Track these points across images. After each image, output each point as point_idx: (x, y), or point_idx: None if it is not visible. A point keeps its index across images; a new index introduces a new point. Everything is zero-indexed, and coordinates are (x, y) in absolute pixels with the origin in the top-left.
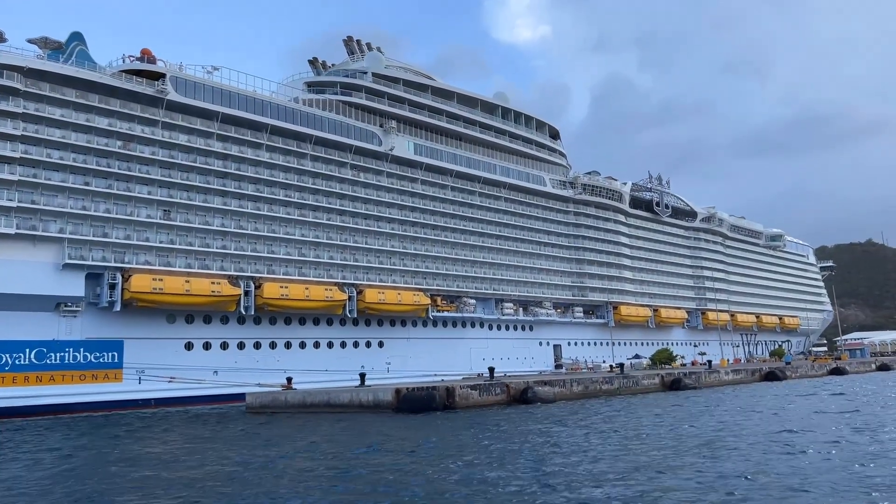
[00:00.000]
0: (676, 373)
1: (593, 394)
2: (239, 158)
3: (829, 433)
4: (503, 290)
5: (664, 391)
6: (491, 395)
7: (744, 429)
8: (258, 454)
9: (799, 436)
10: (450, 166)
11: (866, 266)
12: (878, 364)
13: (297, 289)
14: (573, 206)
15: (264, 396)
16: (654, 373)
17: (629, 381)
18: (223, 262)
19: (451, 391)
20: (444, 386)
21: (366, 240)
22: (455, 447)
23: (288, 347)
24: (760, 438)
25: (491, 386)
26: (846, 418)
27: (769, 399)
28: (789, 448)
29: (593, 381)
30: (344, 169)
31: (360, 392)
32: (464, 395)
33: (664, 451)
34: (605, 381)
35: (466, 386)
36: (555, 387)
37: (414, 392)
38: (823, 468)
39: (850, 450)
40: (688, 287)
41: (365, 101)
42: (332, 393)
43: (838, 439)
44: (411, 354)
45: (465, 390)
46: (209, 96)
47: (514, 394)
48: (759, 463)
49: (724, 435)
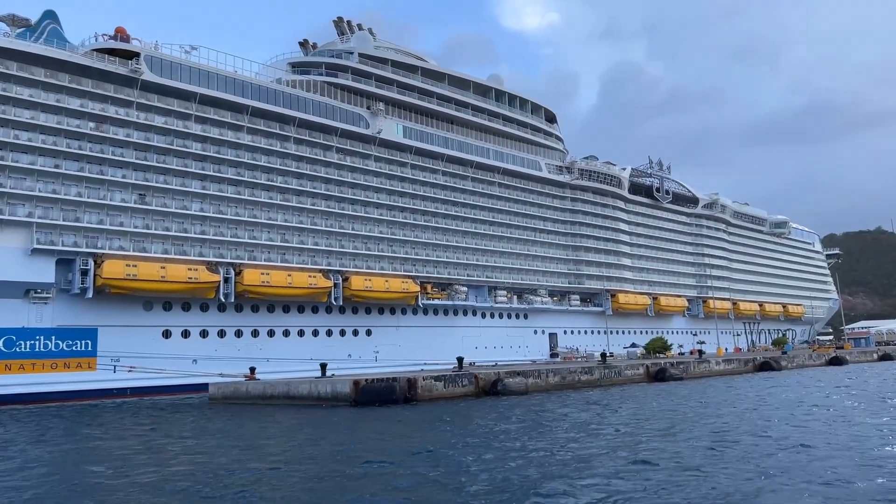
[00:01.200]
0: (662, 362)
1: (571, 385)
2: (218, 141)
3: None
4: (496, 277)
5: (648, 382)
6: (458, 386)
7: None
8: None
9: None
10: (441, 150)
11: (875, 254)
12: (881, 353)
13: (278, 275)
14: (570, 192)
15: (226, 387)
16: (637, 362)
17: (611, 371)
18: (202, 247)
19: (413, 383)
20: (406, 377)
21: (353, 225)
22: (372, 449)
23: (271, 336)
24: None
25: (458, 377)
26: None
27: (752, 391)
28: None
29: (571, 371)
30: (329, 152)
31: (318, 383)
32: (427, 387)
33: (577, 464)
34: (585, 372)
35: (430, 377)
36: (528, 377)
37: (373, 384)
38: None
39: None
40: (689, 275)
41: (351, 82)
42: (292, 384)
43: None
44: (400, 343)
45: (428, 382)
46: (186, 76)
47: (484, 385)
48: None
49: (647, 442)
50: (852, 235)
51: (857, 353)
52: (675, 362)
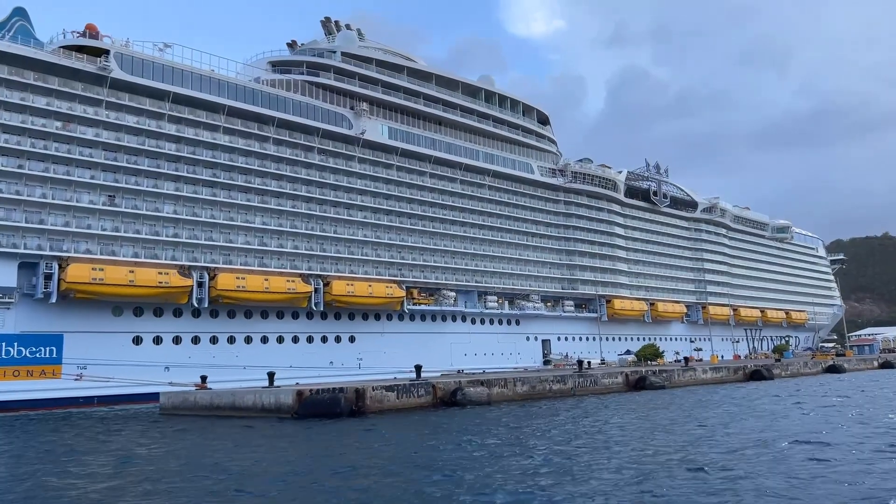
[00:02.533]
0: (643, 371)
1: (541, 395)
2: (193, 141)
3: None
4: (487, 282)
5: (627, 391)
6: (412, 397)
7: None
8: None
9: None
10: (428, 152)
11: (882, 260)
12: (882, 361)
13: (254, 280)
14: (563, 195)
15: (175, 397)
16: (616, 370)
17: (586, 380)
18: (175, 251)
19: (361, 393)
20: (354, 387)
21: (335, 228)
22: (260, 473)
23: (248, 342)
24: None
25: (413, 387)
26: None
27: (725, 406)
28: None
29: (542, 380)
30: (311, 153)
31: (262, 394)
32: (377, 398)
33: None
34: (557, 381)
35: (381, 387)
36: (493, 387)
37: (317, 395)
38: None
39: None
40: (687, 280)
41: (333, 81)
42: (238, 394)
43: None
44: (385, 350)
45: (378, 392)
46: (159, 75)
47: (443, 395)
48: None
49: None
50: (859, 241)
51: (857, 360)
52: (658, 370)
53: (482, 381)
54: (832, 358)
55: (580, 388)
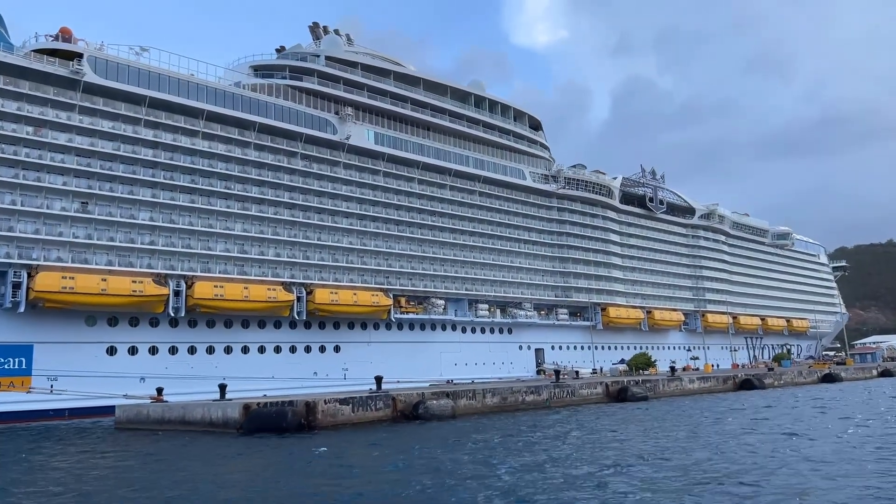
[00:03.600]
0: (625, 381)
1: (513, 407)
2: (171, 146)
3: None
4: (477, 290)
5: (608, 402)
6: (370, 410)
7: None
8: None
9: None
10: (416, 157)
11: (887, 267)
12: (881, 370)
13: (233, 288)
14: (557, 201)
15: (130, 410)
16: (595, 381)
17: (563, 390)
18: (151, 259)
19: (312, 407)
20: (304, 400)
21: (319, 236)
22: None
23: (228, 352)
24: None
25: (370, 399)
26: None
27: (693, 422)
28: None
29: (514, 391)
30: (294, 159)
31: (211, 408)
32: (329, 412)
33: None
34: (530, 392)
35: (335, 399)
36: (460, 399)
37: (264, 408)
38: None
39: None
40: (685, 287)
41: (317, 85)
42: (188, 408)
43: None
44: (372, 360)
45: (331, 405)
46: (135, 79)
47: (404, 408)
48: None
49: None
50: (863, 248)
51: (854, 369)
52: (641, 380)
53: (448, 393)
54: (829, 367)
55: (556, 400)
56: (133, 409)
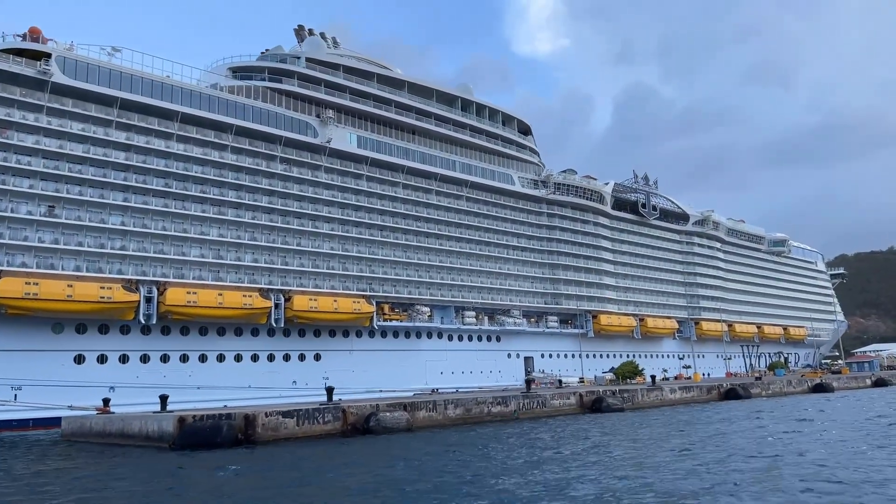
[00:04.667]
0: (600, 390)
1: (478, 419)
2: (144, 150)
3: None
4: (464, 296)
5: (581, 413)
6: (316, 423)
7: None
8: None
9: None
10: (401, 161)
11: (888, 275)
12: (875, 379)
13: (207, 294)
14: (546, 207)
15: (74, 422)
16: (568, 391)
17: (532, 401)
18: (122, 264)
19: (252, 420)
20: (243, 413)
21: (299, 241)
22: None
23: (203, 361)
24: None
25: (316, 412)
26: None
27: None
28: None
29: (479, 402)
30: (273, 162)
31: (148, 421)
32: (271, 426)
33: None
34: (497, 403)
35: (277, 412)
36: (418, 410)
37: (200, 422)
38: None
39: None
40: (679, 295)
41: (297, 88)
42: (127, 420)
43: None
44: (354, 369)
45: (273, 418)
46: (106, 79)
47: (355, 421)
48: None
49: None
50: (864, 256)
51: (848, 378)
52: (618, 390)
53: (405, 405)
54: (821, 376)
55: (525, 411)
56: (77, 422)
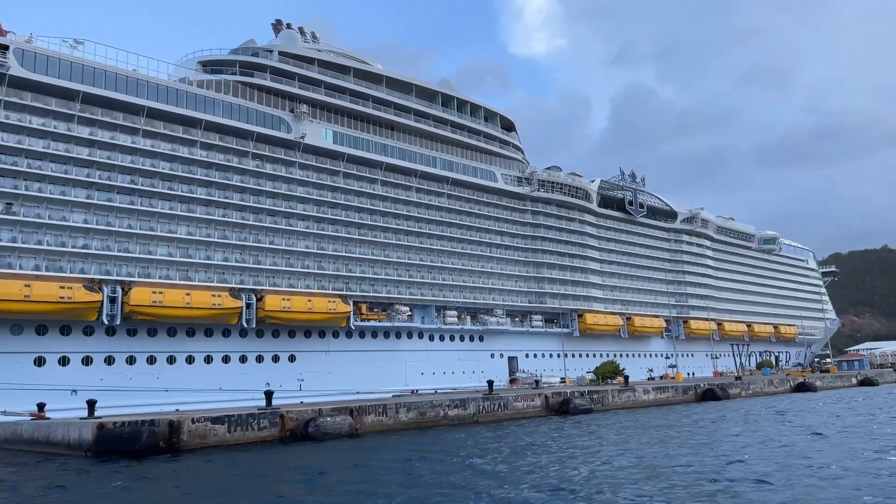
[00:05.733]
0: (568, 392)
1: (433, 423)
2: (109, 145)
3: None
4: (445, 296)
5: (547, 415)
6: (250, 429)
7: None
8: None
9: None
10: (379, 158)
11: (882, 273)
12: (861, 378)
13: (174, 294)
14: (531, 204)
15: (7, 429)
16: (533, 392)
17: (493, 404)
18: (84, 263)
19: (177, 426)
20: (168, 419)
21: (272, 239)
22: None
23: (171, 362)
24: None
25: (251, 417)
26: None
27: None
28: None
29: (434, 405)
30: (245, 159)
31: (70, 428)
32: (199, 432)
33: None
34: (455, 406)
35: (206, 418)
36: (367, 415)
37: (120, 428)
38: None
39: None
40: (667, 293)
41: (269, 82)
42: (52, 427)
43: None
44: (330, 370)
45: (201, 425)
46: (67, 73)
47: (295, 427)
48: None
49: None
50: (858, 254)
51: (832, 378)
52: (587, 391)
53: (352, 409)
54: (804, 375)
55: (486, 414)
56: (10, 428)
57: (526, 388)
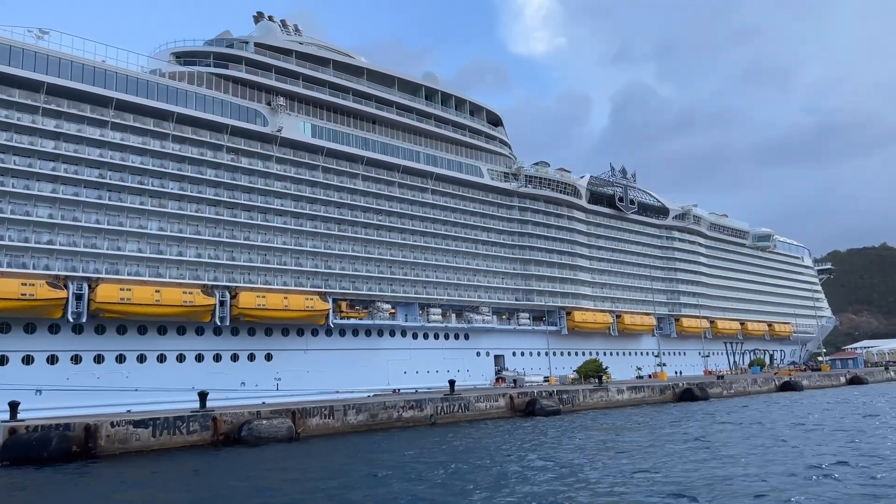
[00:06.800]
0: (534, 392)
1: (386, 425)
2: (76, 138)
3: None
4: (429, 293)
5: (512, 416)
6: (178, 433)
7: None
8: None
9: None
10: (360, 152)
11: (880, 272)
12: (850, 377)
13: (143, 291)
14: (518, 200)
15: None
16: (496, 392)
17: (453, 404)
18: (49, 259)
19: (94, 431)
20: (84, 423)
21: (247, 235)
22: None
23: (142, 361)
24: None
25: (179, 421)
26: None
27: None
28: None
29: (387, 407)
30: (220, 152)
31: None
32: (119, 437)
33: None
34: (410, 407)
35: (128, 421)
36: (312, 417)
37: (29, 433)
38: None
39: None
40: (658, 291)
41: (245, 74)
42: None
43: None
44: (309, 369)
45: (122, 429)
46: (31, 63)
47: (229, 430)
48: None
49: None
50: (856, 252)
51: (820, 377)
52: (556, 391)
53: (294, 411)
54: (791, 374)
55: (445, 416)
56: None
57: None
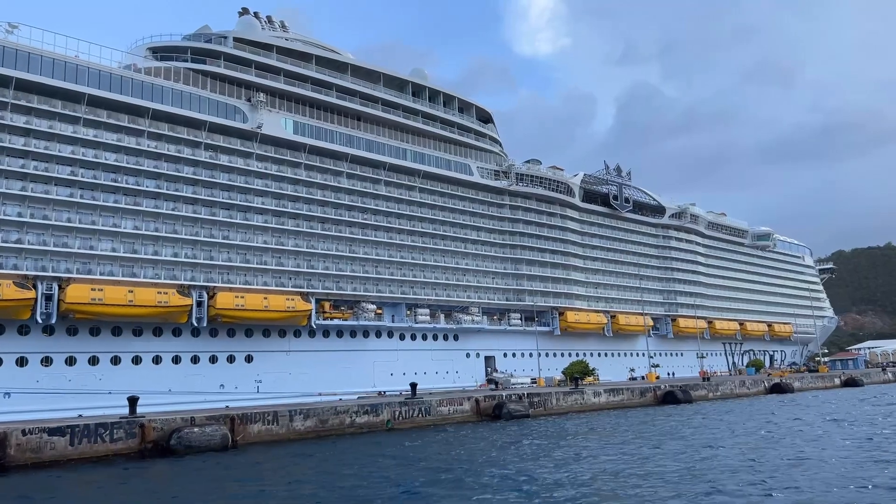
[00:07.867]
0: (502, 396)
1: (337, 431)
2: (47, 135)
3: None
4: (416, 293)
5: (478, 421)
6: (100, 442)
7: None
8: None
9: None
10: (344, 150)
11: (885, 271)
12: (845, 379)
13: (114, 292)
14: (509, 199)
15: None
16: (461, 396)
17: (412, 409)
18: (17, 259)
19: (3, 440)
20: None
21: (226, 234)
22: None
23: (115, 363)
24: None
25: (102, 428)
26: None
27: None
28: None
29: (339, 412)
30: (198, 150)
31: None
32: (31, 446)
33: None
34: (365, 412)
35: (42, 428)
36: (253, 423)
37: None
38: None
39: None
40: (655, 291)
41: (223, 69)
42: None
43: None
44: (291, 371)
45: (35, 437)
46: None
47: (159, 438)
48: None
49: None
50: (861, 252)
51: (813, 378)
52: (525, 394)
53: (233, 417)
54: (782, 376)
55: (404, 420)
56: None
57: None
